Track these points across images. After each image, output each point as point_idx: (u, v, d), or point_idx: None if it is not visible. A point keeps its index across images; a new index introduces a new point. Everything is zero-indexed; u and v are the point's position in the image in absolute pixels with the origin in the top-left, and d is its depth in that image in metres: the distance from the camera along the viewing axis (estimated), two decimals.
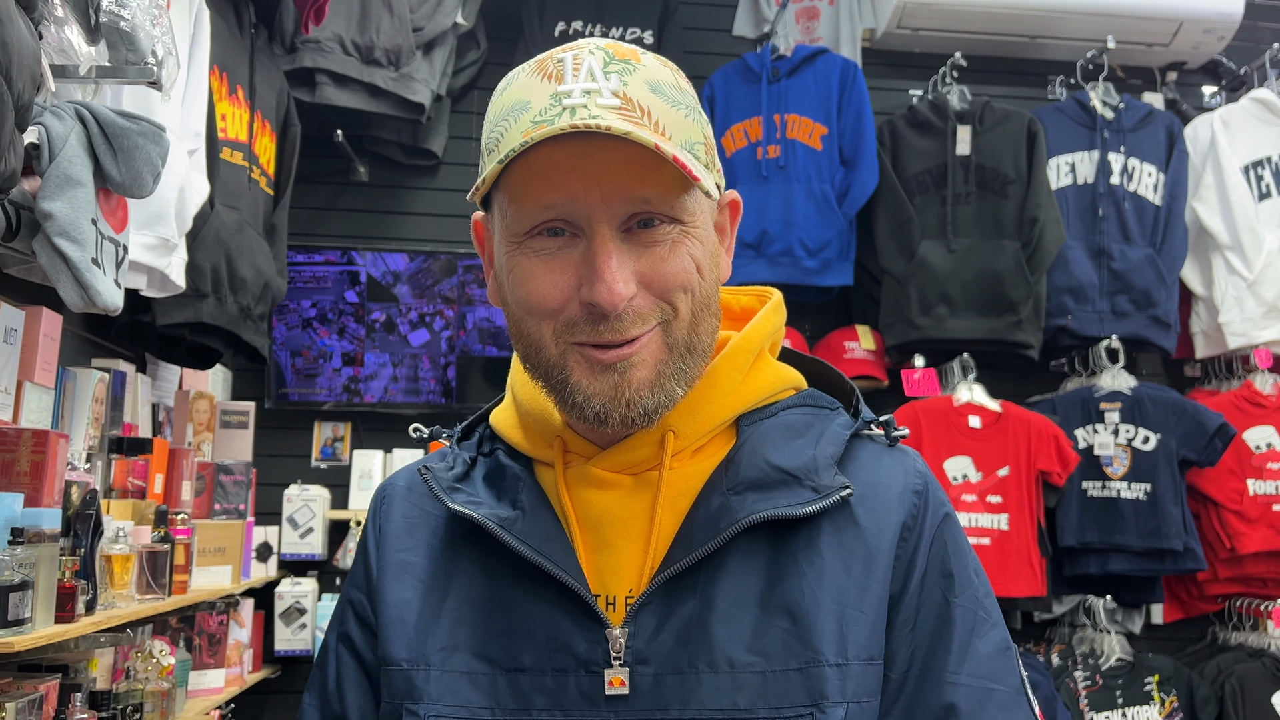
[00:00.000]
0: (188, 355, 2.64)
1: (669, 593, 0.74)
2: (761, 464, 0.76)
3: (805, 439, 0.79)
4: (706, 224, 0.77)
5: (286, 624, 3.18)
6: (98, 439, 2.17)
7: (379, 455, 3.39)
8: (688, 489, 0.77)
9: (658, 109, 0.72)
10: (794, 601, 0.73)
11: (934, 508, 0.79)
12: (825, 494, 0.75)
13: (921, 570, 0.77)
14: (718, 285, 0.79)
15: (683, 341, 0.75)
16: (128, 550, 1.99)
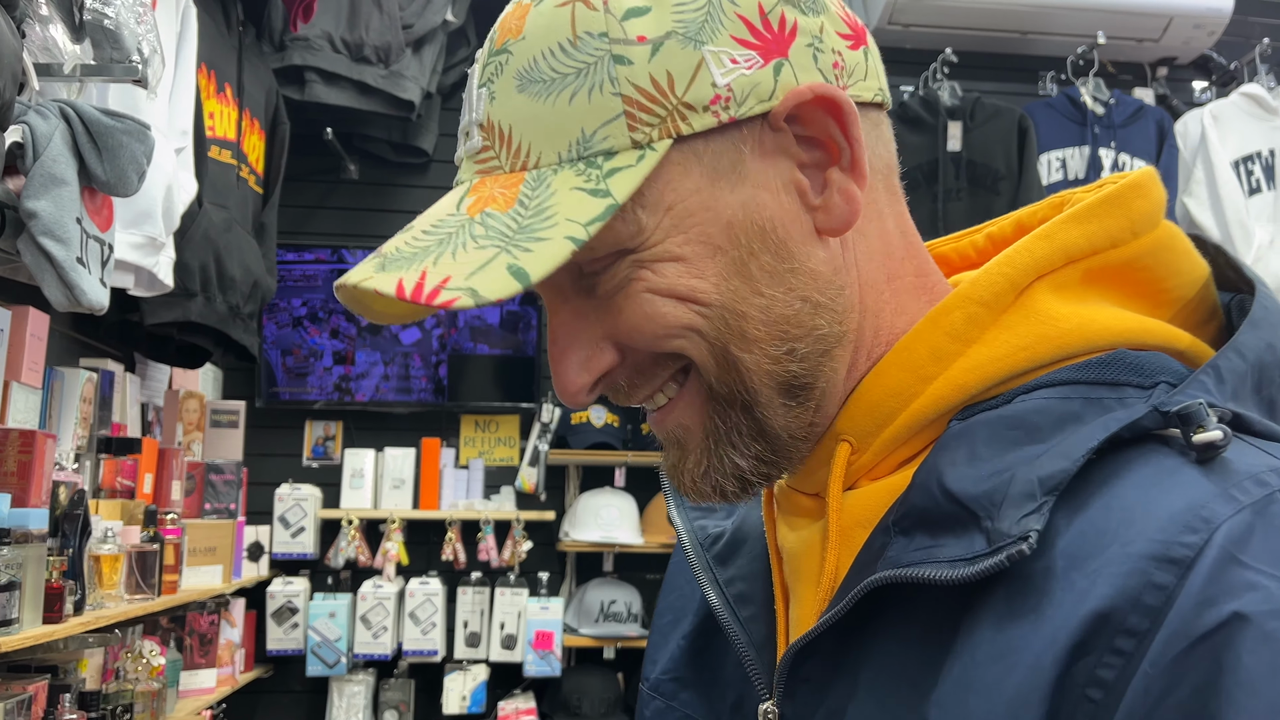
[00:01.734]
0: (177, 354, 2.63)
1: (832, 664, 0.50)
2: (935, 486, 0.48)
3: (1039, 444, 0.47)
4: (690, 216, 0.50)
5: (278, 623, 3.17)
6: (86, 439, 2.17)
7: (371, 454, 3.39)
8: (870, 516, 0.52)
9: (522, 118, 0.50)
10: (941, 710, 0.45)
11: (1207, 594, 0.40)
12: (994, 548, 0.44)
13: None
14: (777, 274, 0.50)
15: (733, 395, 0.51)
16: (116, 550, 1.99)
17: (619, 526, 3.26)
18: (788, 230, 0.51)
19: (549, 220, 0.47)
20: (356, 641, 3.17)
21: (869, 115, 0.53)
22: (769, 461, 0.53)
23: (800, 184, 0.51)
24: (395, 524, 3.28)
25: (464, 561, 3.33)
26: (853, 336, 0.53)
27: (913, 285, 0.54)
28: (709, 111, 0.49)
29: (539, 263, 0.46)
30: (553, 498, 3.50)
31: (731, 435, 0.52)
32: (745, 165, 0.50)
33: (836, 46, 0.52)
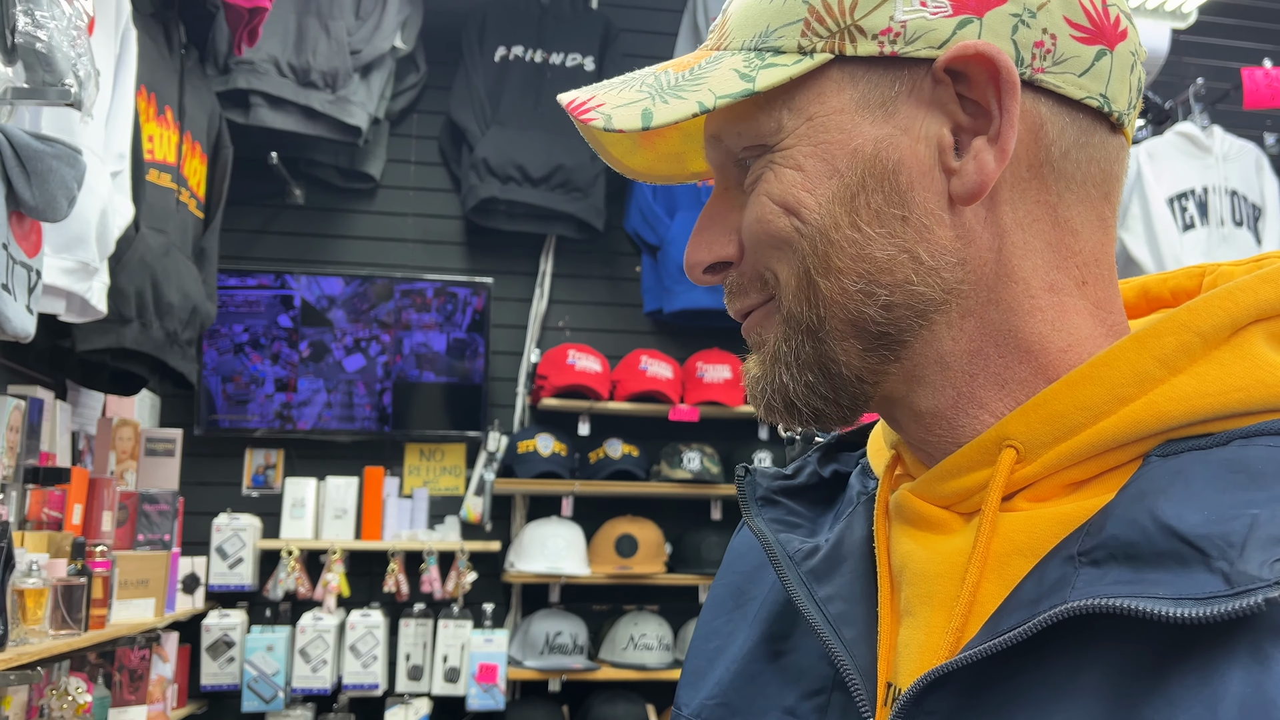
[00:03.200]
0: (111, 381, 2.56)
1: (967, 700, 0.47)
2: (1146, 519, 0.44)
3: (1266, 491, 0.43)
4: (825, 132, 0.51)
5: (214, 658, 3.09)
6: (12, 469, 2.10)
7: (312, 483, 3.33)
8: (1032, 545, 0.48)
9: (740, 8, 0.54)
10: None
11: None
12: (1238, 590, 0.40)
13: None
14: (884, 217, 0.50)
15: (802, 318, 0.52)
16: (41, 584, 1.92)
17: (565, 557, 3.23)
18: (912, 180, 0.50)
19: (697, 86, 0.51)
20: (295, 675, 3.09)
21: (1076, 116, 0.51)
22: (820, 395, 0.53)
23: (944, 141, 0.50)
24: (336, 555, 3.22)
25: (407, 593, 3.27)
26: (966, 314, 0.51)
27: (1083, 309, 0.52)
28: (876, 40, 0.50)
29: (665, 113, 0.51)
30: (498, 528, 3.46)
31: (790, 358, 0.53)
32: (897, 104, 0.51)
33: (1053, 29, 0.50)
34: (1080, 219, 0.52)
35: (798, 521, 0.60)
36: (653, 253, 3.49)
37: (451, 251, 3.55)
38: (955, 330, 0.51)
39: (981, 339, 0.52)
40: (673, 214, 3.42)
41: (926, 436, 0.54)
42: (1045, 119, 0.51)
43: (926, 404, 0.53)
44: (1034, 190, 0.51)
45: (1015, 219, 0.51)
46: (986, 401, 0.52)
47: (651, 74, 0.54)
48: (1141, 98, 0.55)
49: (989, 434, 0.51)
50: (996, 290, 0.51)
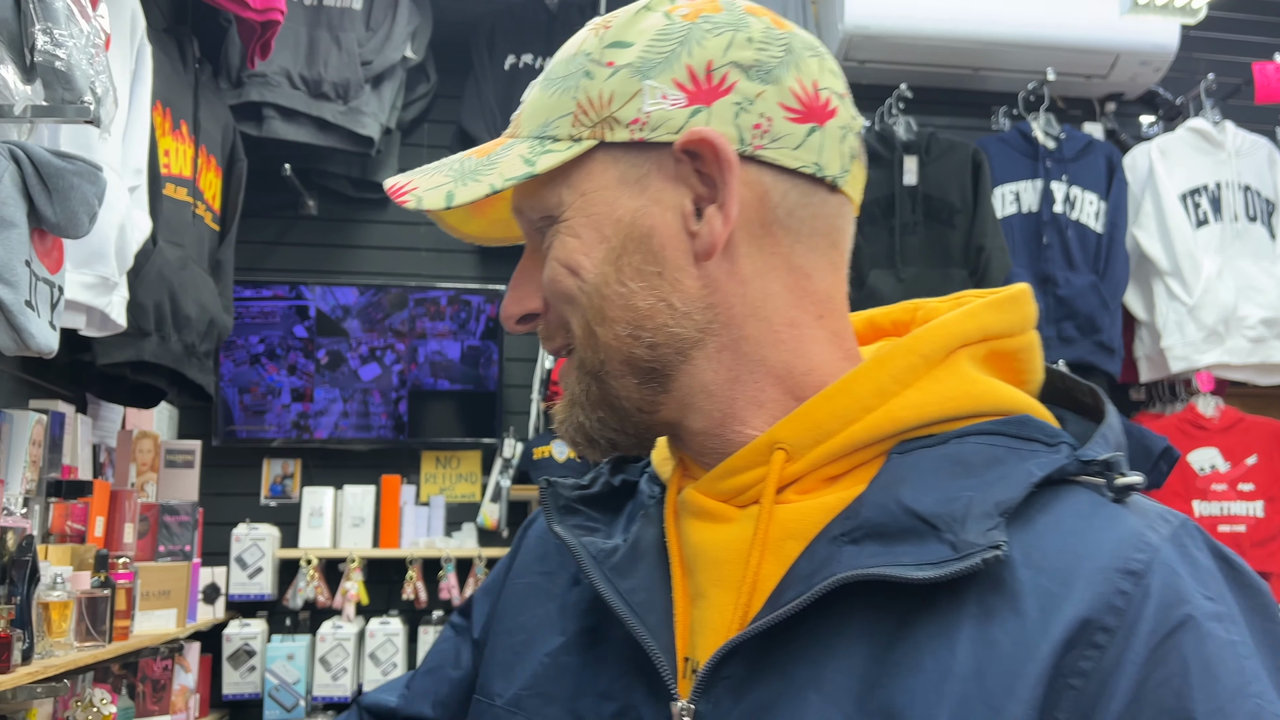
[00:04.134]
0: (130, 394, 2.58)
1: (755, 665, 0.56)
2: (892, 505, 0.55)
3: (976, 479, 0.55)
4: (594, 205, 0.61)
5: (235, 667, 3.11)
6: (35, 482, 2.12)
7: (330, 492, 3.34)
8: (802, 530, 0.58)
9: (531, 100, 0.65)
10: (899, 708, 0.51)
11: (1163, 601, 0.50)
12: (962, 554, 0.52)
13: (1124, 702, 0.49)
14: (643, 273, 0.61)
15: (589, 364, 0.62)
16: (66, 597, 1.94)
17: None
18: (664, 242, 0.61)
19: (491, 170, 0.62)
20: (315, 683, 3.11)
21: (796, 181, 0.61)
22: (615, 429, 0.64)
23: (686, 209, 0.61)
24: (355, 563, 3.23)
25: (425, 600, 3.28)
26: (721, 348, 0.62)
27: (822, 338, 0.63)
28: (628, 128, 0.61)
29: (464, 194, 0.61)
30: (515, 534, 3.46)
31: (583, 399, 0.63)
32: (648, 180, 0.62)
33: (769, 113, 0.61)
34: (812, 264, 0.63)
35: (596, 525, 0.68)
36: None
37: (464, 260, 3.56)
38: (714, 362, 0.62)
39: (737, 368, 0.62)
40: None
41: (704, 448, 0.64)
42: (769, 186, 0.61)
43: (698, 425, 0.63)
44: (768, 244, 0.62)
45: (754, 268, 0.62)
46: (748, 419, 0.62)
47: (459, 159, 0.65)
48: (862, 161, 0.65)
49: (761, 439, 0.61)
50: (744, 327, 0.62)
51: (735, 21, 0.62)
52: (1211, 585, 0.52)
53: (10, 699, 1.92)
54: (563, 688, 0.64)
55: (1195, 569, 0.52)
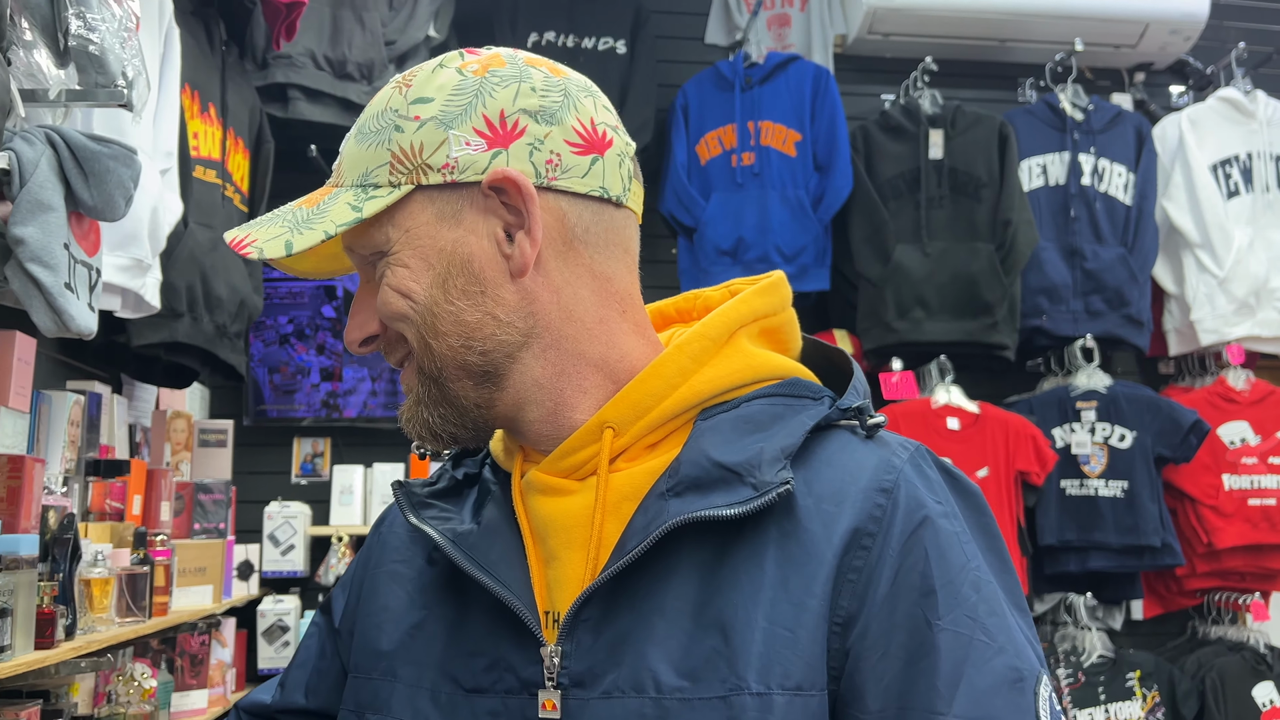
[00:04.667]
0: (164, 375, 2.62)
1: (607, 607, 0.69)
2: (703, 460, 0.69)
3: (764, 432, 0.70)
4: (418, 239, 0.72)
5: (269, 642, 3.16)
6: (74, 462, 2.16)
7: (359, 470, 3.38)
8: (634, 492, 0.71)
9: (348, 153, 0.76)
10: (727, 617, 0.66)
11: (908, 509, 0.68)
12: (762, 492, 0.66)
13: (888, 584, 0.66)
14: (468, 292, 0.72)
15: (427, 370, 0.73)
16: (107, 574, 1.98)
17: None
18: (483, 266, 0.72)
19: (322, 218, 0.72)
20: None
21: (588, 204, 0.74)
22: (455, 424, 0.74)
23: (499, 236, 0.73)
24: None
25: None
26: (546, 348, 0.74)
27: (627, 330, 0.76)
28: (440, 172, 0.72)
29: (301, 241, 0.71)
30: None
31: (426, 399, 0.74)
32: (463, 214, 0.73)
33: (558, 150, 0.73)
34: (611, 270, 0.76)
35: (448, 515, 0.77)
36: (688, 235, 3.49)
37: None
38: (541, 360, 0.74)
39: (562, 363, 0.74)
40: (708, 195, 3.42)
41: (540, 435, 0.75)
42: (566, 209, 0.74)
43: (533, 415, 0.75)
44: (571, 257, 0.74)
45: (564, 278, 0.74)
46: (576, 405, 0.74)
47: (291, 210, 0.75)
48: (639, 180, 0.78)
49: (592, 421, 0.73)
50: (563, 328, 0.74)
51: (518, 74, 0.74)
52: (940, 493, 0.70)
53: (54, 674, 1.97)
54: (432, 653, 0.74)
55: (928, 482, 0.70)
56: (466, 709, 0.71)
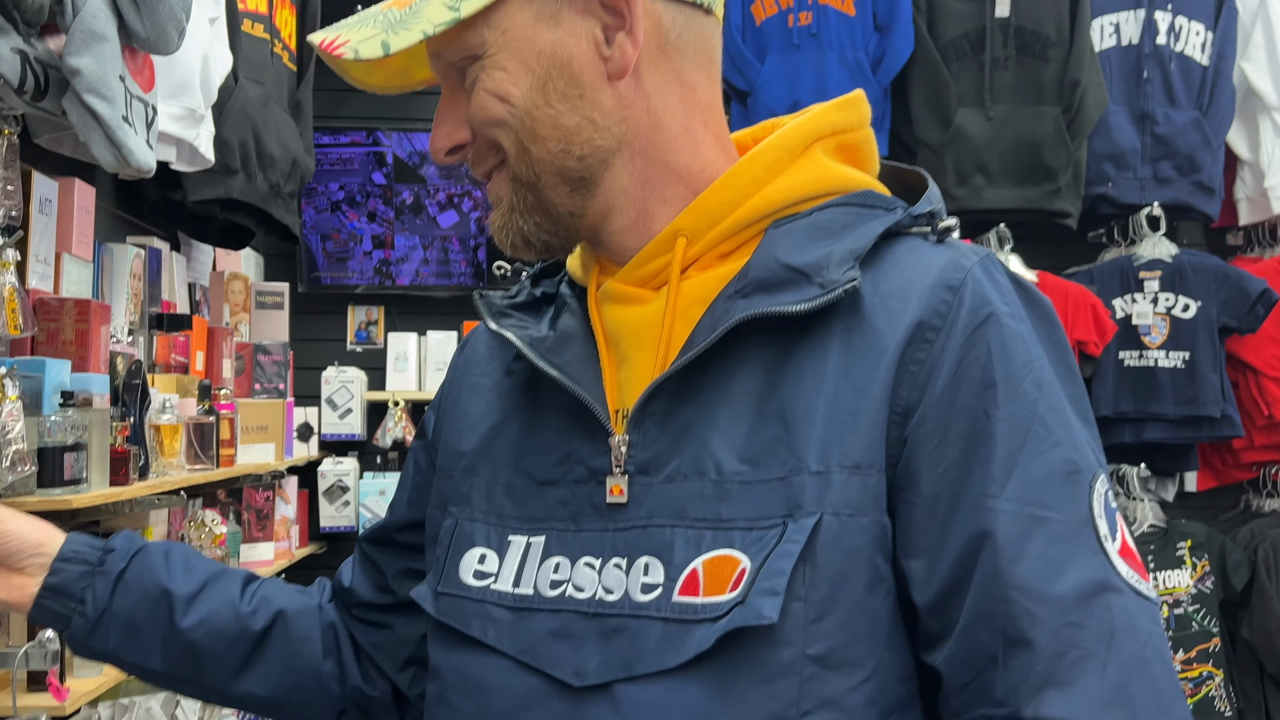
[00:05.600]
0: (220, 235, 2.64)
1: (673, 400, 0.71)
2: (772, 263, 0.70)
3: (834, 238, 0.71)
4: (516, 41, 0.71)
5: (330, 502, 3.26)
6: (138, 316, 2.20)
7: (413, 338, 3.42)
8: (703, 296, 0.73)
9: None
10: (789, 406, 0.67)
11: (973, 305, 0.67)
12: (828, 289, 0.67)
13: (948, 376, 0.66)
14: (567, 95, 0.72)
15: (523, 177, 0.73)
16: (175, 420, 2.03)
17: None
18: (581, 68, 0.72)
19: (418, 19, 0.71)
20: None
21: (681, 8, 0.74)
22: (548, 231, 0.75)
23: (598, 38, 0.72)
24: None
25: None
26: (634, 155, 0.74)
27: (709, 142, 0.77)
28: None
29: (398, 42, 0.70)
30: None
31: (520, 207, 0.74)
32: (562, 15, 0.72)
33: None
34: (697, 79, 0.76)
35: (526, 325, 0.79)
36: (743, 100, 3.39)
37: None
38: (630, 168, 0.74)
39: (648, 171, 0.75)
40: (763, 57, 3.31)
41: (621, 246, 0.76)
42: (661, 13, 0.74)
43: (618, 224, 0.76)
44: (663, 64, 0.74)
45: (655, 85, 0.74)
46: (657, 214, 0.75)
47: (380, 11, 0.73)
48: None
49: (666, 231, 0.74)
50: (652, 136, 0.74)
51: None
52: (1008, 296, 0.70)
53: (128, 512, 2.05)
54: (507, 452, 0.77)
55: (996, 285, 0.70)
56: (538, 499, 0.74)
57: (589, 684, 0.67)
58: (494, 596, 0.73)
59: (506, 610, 0.72)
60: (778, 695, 0.64)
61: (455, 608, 0.75)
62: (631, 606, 0.67)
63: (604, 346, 0.76)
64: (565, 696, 0.68)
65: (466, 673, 0.74)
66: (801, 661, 0.64)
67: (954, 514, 0.65)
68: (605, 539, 0.70)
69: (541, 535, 0.73)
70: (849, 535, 0.65)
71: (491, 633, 0.72)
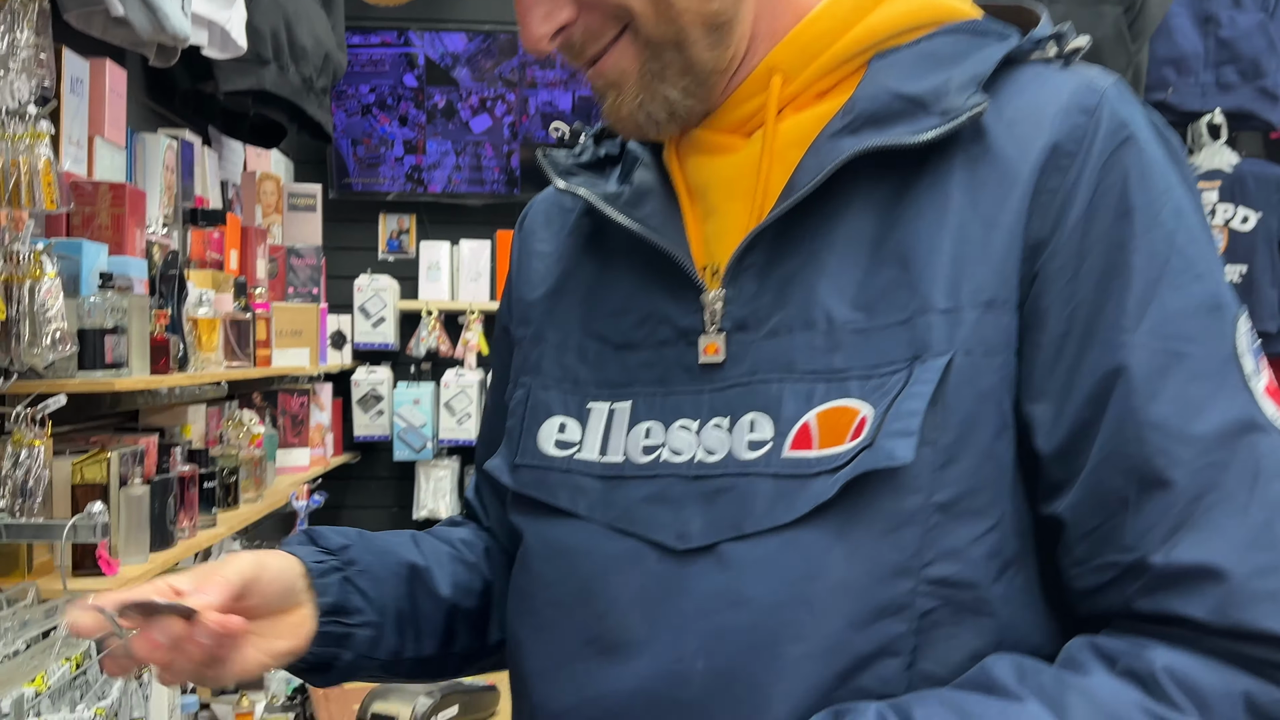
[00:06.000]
0: (251, 132, 2.57)
1: (774, 250, 0.65)
2: (883, 94, 0.63)
3: (951, 65, 0.64)
4: None
5: (364, 410, 3.23)
6: (172, 210, 2.14)
7: (446, 246, 3.35)
8: (801, 138, 0.66)
9: None
10: (908, 246, 0.61)
11: (1111, 127, 0.61)
12: (950, 117, 0.60)
13: (1084, 205, 0.60)
14: None
15: (663, 36, 0.64)
16: (212, 314, 1.99)
17: None
18: None
19: None
20: (441, 428, 3.22)
21: None
22: (694, 94, 0.67)
23: None
24: (474, 315, 3.27)
25: None
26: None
27: None
28: None
29: None
30: None
31: (665, 72, 0.65)
32: None
33: None
34: None
35: (595, 182, 0.73)
36: None
37: None
38: (753, 8, 0.67)
39: (759, 7, 0.67)
40: None
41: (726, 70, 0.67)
42: None
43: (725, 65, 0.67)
44: None
45: None
46: (755, 51, 0.67)
47: None
48: None
49: (759, 69, 0.67)
50: None
51: None
52: (1144, 120, 0.64)
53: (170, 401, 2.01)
54: (574, 315, 0.72)
55: (1133, 107, 0.64)
56: (616, 364, 0.69)
57: (693, 546, 0.63)
58: (580, 466, 0.68)
59: (595, 479, 0.67)
60: (901, 545, 0.59)
61: (539, 479, 0.70)
62: (737, 466, 0.63)
63: (687, 200, 0.70)
64: (664, 559, 0.64)
65: (550, 539, 0.69)
66: (927, 510, 0.59)
67: (1085, 352, 0.59)
68: (702, 400, 0.65)
69: (626, 401, 0.68)
70: (981, 376, 0.59)
71: (582, 503, 0.67)
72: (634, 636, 0.63)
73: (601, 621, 0.65)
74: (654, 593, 0.63)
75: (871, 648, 0.59)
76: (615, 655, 0.64)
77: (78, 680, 1.21)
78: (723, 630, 0.61)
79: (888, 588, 0.59)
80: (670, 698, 0.62)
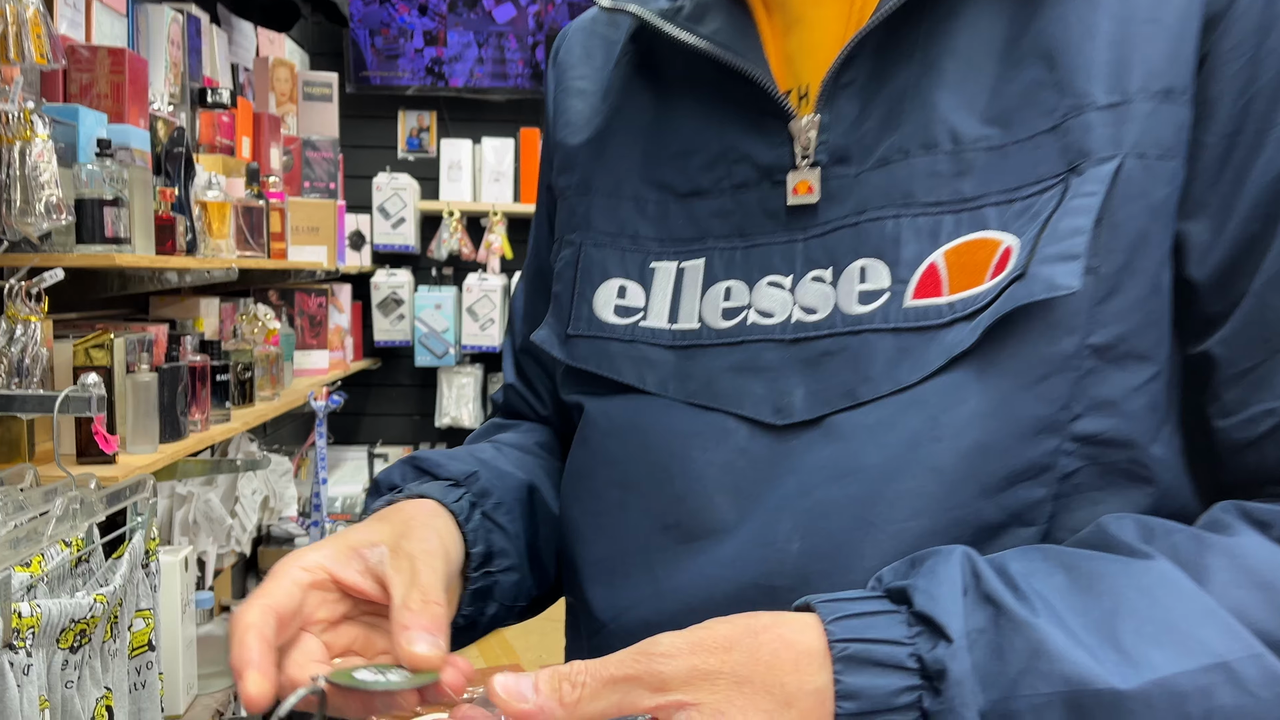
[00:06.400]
0: (263, 14, 2.43)
1: (878, 63, 0.54)
2: None
3: None
4: None
5: (385, 314, 3.13)
6: (179, 89, 2.01)
7: (467, 144, 3.21)
8: None
9: None
10: (1052, 37, 0.50)
11: None
12: None
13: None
14: None
15: None
16: (222, 198, 1.87)
17: None
18: None
19: None
20: (464, 333, 3.12)
21: None
22: None
23: None
24: (497, 217, 3.15)
25: None
26: None
27: None
28: None
29: None
30: None
31: None
32: None
33: None
34: None
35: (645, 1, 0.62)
36: None
37: None
38: None
39: None
40: None
41: None
42: None
43: None
44: None
45: None
46: None
47: None
48: None
49: None
50: None
51: None
52: None
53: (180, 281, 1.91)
54: (629, 159, 0.61)
55: None
56: (682, 216, 0.58)
57: (796, 420, 0.52)
58: (646, 335, 0.58)
59: (666, 350, 0.57)
60: (1048, 397, 0.48)
61: (597, 351, 0.59)
62: (847, 322, 0.52)
63: (762, 9, 0.58)
64: (757, 435, 0.53)
65: (615, 415, 0.58)
66: (1081, 353, 0.48)
67: (1255, 154, 0.48)
68: (794, 250, 0.55)
69: (698, 259, 0.57)
70: (1155, 185, 0.48)
71: (651, 378, 0.57)
72: (720, 521, 0.53)
73: (681, 505, 0.54)
74: (746, 473, 0.53)
75: (1002, 517, 0.48)
76: (697, 541, 0.54)
77: (80, 568, 1.12)
78: (824, 506, 0.50)
79: (1028, 447, 0.48)
80: (760, 586, 0.51)
